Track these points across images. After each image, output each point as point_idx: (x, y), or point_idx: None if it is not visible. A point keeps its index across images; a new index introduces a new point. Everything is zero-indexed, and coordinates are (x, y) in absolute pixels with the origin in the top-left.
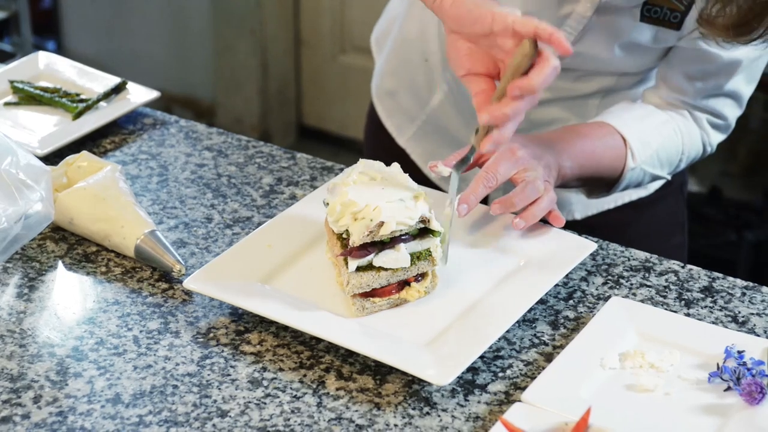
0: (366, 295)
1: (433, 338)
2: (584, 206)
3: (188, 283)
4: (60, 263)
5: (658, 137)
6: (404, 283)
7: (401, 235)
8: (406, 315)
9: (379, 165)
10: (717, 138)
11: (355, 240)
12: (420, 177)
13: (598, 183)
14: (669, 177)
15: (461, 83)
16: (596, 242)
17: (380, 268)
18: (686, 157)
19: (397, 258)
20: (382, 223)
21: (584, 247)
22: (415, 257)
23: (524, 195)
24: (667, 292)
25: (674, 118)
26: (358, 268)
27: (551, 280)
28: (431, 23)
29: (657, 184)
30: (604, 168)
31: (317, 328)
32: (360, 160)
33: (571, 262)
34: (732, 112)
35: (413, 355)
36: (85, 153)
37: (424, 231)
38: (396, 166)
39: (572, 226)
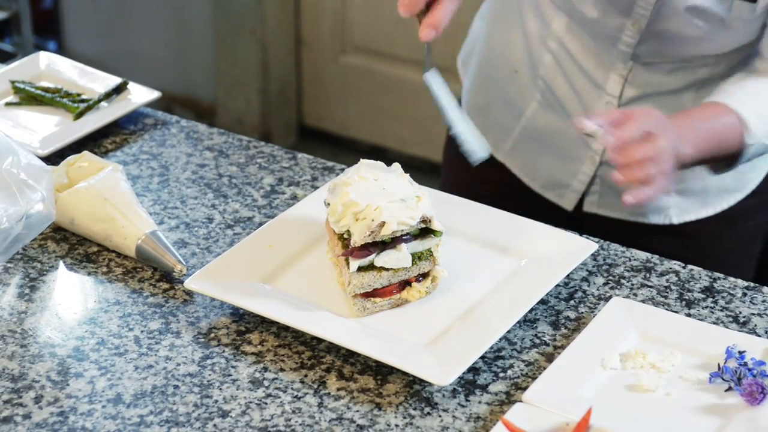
0: (367, 295)
1: (433, 338)
2: (681, 210)
3: (189, 284)
4: (61, 263)
5: None
6: (405, 283)
7: (402, 235)
8: (407, 315)
9: (380, 165)
10: None
11: (357, 240)
12: (521, 188)
13: (718, 162)
14: None
15: (554, 90)
16: (597, 242)
17: (381, 268)
18: None
19: (398, 258)
20: (383, 224)
21: (585, 247)
22: (416, 257)
23: (646, 160)
24: (668, 292)
25: None
26: (360, 268)
27: (552, 280)
28: (516, 35)
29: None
30: (722, 148)
31: (318, 329)
32: (361, 160)
33: (572, 262)
34: None
35: (414, 355)
36: (86, 153)
37: (425, 231)
38: (397, 166)
39: (669, 230)
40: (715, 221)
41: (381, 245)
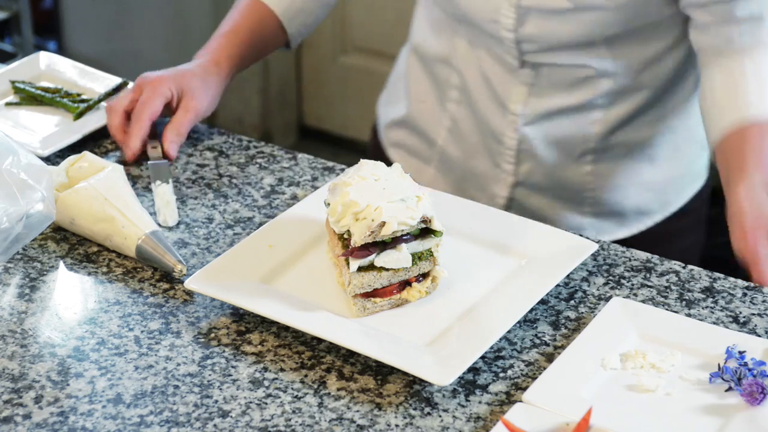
0: (367, 295)
1: (433, 338)
2: (597, 231)
3: (189, 284)
4: (61, 263)
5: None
6: (405, 284)
7: (403, 236)
8: (407, 315)
9: (380, 165)
10: None
11: (357, 240)
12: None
13: None
14: None
15: (461, 114)
16: (597, 242)
17: (381, 269)
18: None
19: (398, 258)
20: (383, 224)
21: (585, 247)
22: (417, 257)
23: None
24: (668, 292)
25: (755, 57)
26: (360, 268)
27: (552, 281)
28: (417, 66)
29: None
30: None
31: (318, 329)
32: (361, 160)
33: (571, 263)
34: None
35: (414, 355)
36: (86, 153)
37: (425, 231)
38: (397, 167)
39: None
40: (640, 241)
41: (381, 245)
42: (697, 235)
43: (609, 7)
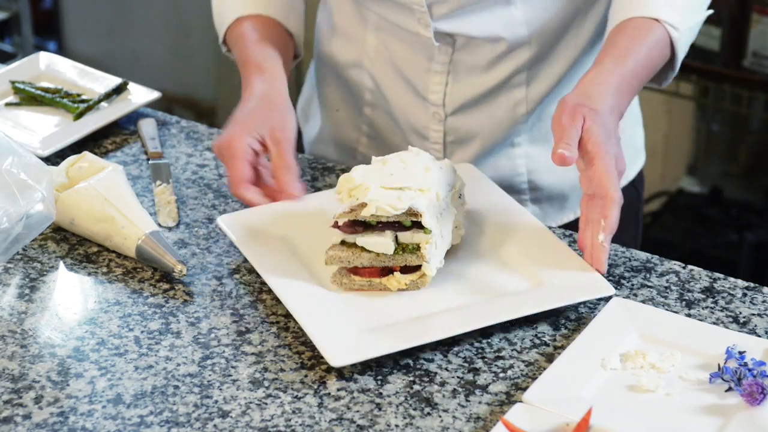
0: (349, 271)
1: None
2: (540, 218)
3: (222, 221)
4: (61, 264)
5: None
6: (389, 271)
7: (392, 222)
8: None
9: (420, 154)
10: None
11: (336, 213)
12: None
13: (657, 74)
14: (711, 11)
15: (380, 115)
16: (616, 288)
17: (362, 249)
18: None
19: (378, 243)
20: (364, 204)
21: (600, 289)
22: (401, 248)
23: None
24: (668, 292)
25: None
26: (343, 243)
27: (546, 304)
28: (327, 74)
29: None
30: (656, 64)
31: (438, 333)
32: (409, 147)
33: (575, 297)
34: None
35: (553, 292)
36: (86, 153)
37: (418, 225)
38: (446, 163)
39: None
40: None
41: (368, 227)
42: (632, 234)
43: None
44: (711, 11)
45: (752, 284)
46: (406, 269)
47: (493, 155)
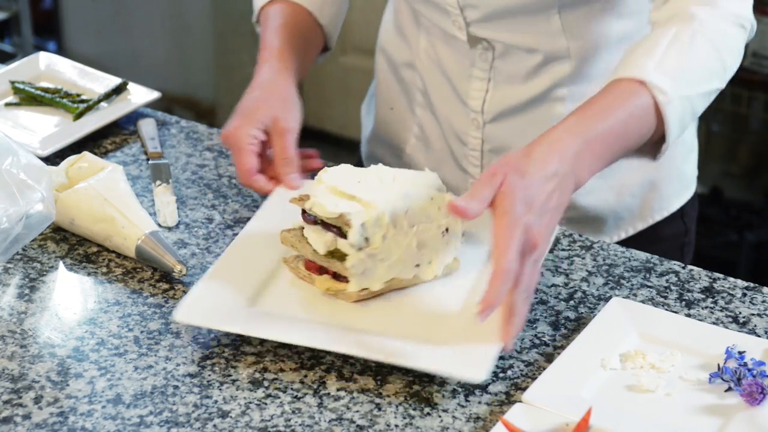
0: (303, 260)
1: (446, 336)
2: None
3: (178, 317)
4: (61, 264)
5: (676, 55)
6: (323, 270)
7: (336, 226)
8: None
9: (406, 173)
10: (744, 8)
11: (289, 198)
12: None
13: (642, 147)
14: (722, 85)
15: (427, 118)
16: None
17: (306, 240)
18: (725, 53)
19: (314, 238)
20: (307, 196)
21: (472, 372)
22: (332, 253)
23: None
24: (667, 292)
25: (684, 27)
26: (301, 230)
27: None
28: (387, 72)
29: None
30: (640, 131)
31: (336, 345)
32: (426, 170)
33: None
34: None
35: (444, 356)
36: (86, 154)
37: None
38: (434, 185)
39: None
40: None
41: (319, 222)
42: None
43: None
44: (721, 85)
45: (752, 284)
46: (338, 276)
47: None
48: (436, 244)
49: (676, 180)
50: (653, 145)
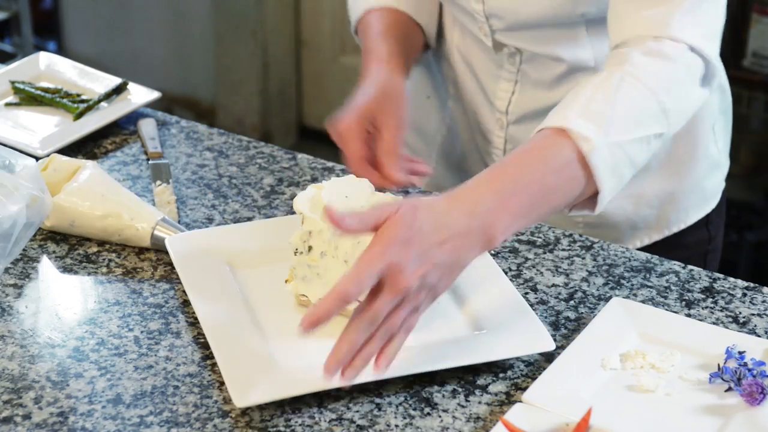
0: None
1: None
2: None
3: (242, 402)
4: (61, 263)
5: (602, 99)
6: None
7: None
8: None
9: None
10: (709, 45)
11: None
12: None
13: (578, 203)
14: (666, 130)
15: (458, 110)
16: (556, 342)
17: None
18: (666, 91)
19: (296, 233)
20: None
21: (541, 343)
22: (296, 251)
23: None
24: (667, 292)
25: (614, 70)
26: None
27: (479, 358)
28: (431, 61)
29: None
30: (563, 187)
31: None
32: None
33: (516, 350)
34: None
35: (497, 342)
36: (55, 156)
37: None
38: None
39: None
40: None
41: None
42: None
43: None
44: (662, 130)
45: (752, 284)
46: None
47: None
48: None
49: (696, 194)
50: (591, 199)
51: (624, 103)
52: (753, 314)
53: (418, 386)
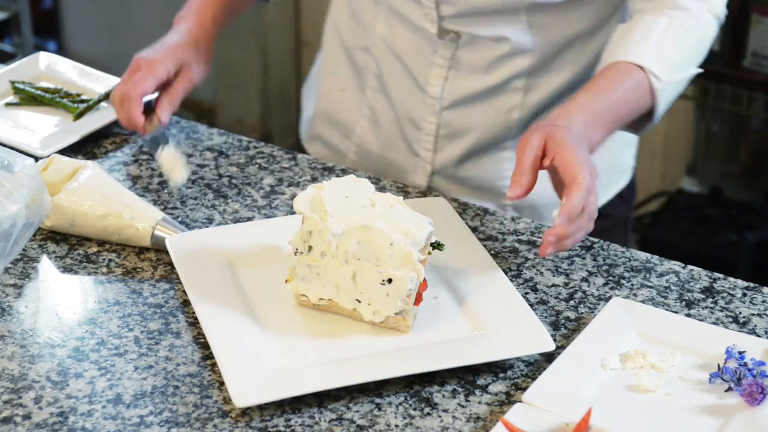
0: None
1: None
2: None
3: (242, 402)
4: (61, 263)
5: (669, 44)
6: None
7: None
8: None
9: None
10: (719, 7)
11: None
12: None
13: (636, 121)
14: (701, 70)
15: (379, 102)
16: (555, 343)
17: None
18: (706, 42)
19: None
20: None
21: (541, 344)
22: (296, 251)
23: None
24: (667, 292)
25: (674, 17)
26: None
27: (479, 358)
28: (339, 54)
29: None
30: (633, 109)
31: (396, 371)
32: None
33: (518, 351)
34: None
35: (498, 342)
36: (55, 156)
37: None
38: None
39: None
40: None
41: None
42: (620, 239)
43: None
44: (700, 70)
45: (752, 284)
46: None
47: (481, 155)
48: (373, 288)
49: (613, 170)
50: (641, 120)
51: (684, 50)
52: (753, 314)
53: (418, 386)
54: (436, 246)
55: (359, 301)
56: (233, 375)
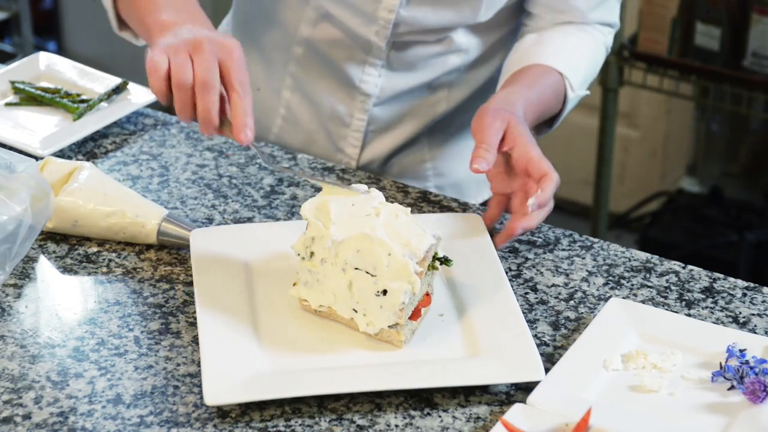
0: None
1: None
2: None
3: (212, 400)
4: (61, 264)
5: (581, 59)
6: None
7: None
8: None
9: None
10: (610, 39)
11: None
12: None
13: (543, 124)
14: (589, 92)
15: (301, 96)
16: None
17: None
18: (598, 68)
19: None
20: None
21: (531, 371)
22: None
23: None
24: (667, 292)
25: (583, 35)
26: None
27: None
28: (251, 53)
29: None
30: (550, 109)
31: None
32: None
33: (508, 378)
34: (615, 14)
35: (490, 365)
36: (50, 158)
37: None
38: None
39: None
40: None
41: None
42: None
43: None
44: (588, 93)
45: (752, 284)
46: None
47: (405, 150)
48: (368, 299)
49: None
50: (543, 123)
51: (594, 62)
52: (753, 314)
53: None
54: (444, 261)
55: (356, 311)
56: (209, 372)
